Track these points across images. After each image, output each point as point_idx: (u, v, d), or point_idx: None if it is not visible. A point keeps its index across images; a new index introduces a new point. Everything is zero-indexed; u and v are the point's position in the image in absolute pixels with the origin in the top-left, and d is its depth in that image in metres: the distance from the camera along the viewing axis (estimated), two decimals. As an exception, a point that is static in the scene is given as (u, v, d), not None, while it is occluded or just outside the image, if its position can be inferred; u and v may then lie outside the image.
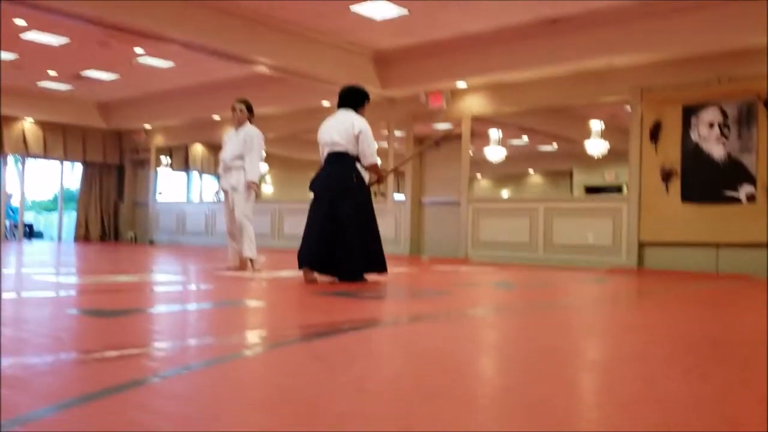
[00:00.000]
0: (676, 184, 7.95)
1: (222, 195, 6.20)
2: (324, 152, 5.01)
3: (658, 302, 4.45)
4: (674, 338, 2.73)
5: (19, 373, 1.63)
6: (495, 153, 10.44)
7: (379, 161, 5.14)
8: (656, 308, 4.07)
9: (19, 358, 1.82)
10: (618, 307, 4.22)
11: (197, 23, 8.36)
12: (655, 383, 1.77)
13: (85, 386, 1.53)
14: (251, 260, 5.90)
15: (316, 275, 4.80)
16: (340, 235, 4.74)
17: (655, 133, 8.20)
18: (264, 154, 10.48)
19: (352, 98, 5.05)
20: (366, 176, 4.96)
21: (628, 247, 8.37)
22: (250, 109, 6.15)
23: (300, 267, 4.79)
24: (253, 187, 5.98)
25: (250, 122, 6.11)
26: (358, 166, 4.90)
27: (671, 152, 8.01)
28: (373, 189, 5.20)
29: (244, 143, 5.95)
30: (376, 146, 5.03)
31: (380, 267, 4.92)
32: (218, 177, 6.27)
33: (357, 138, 4.84)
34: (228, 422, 1.30)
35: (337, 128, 4.91)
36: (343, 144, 4.86)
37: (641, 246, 8.28)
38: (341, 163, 4.89)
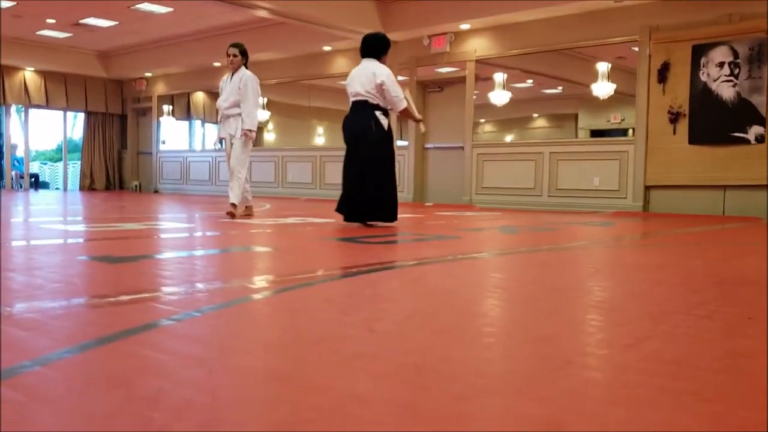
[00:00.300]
0: (683, 126, 7.88)
1: (223, 143, 6.18)
2: (350, 101, 5.15)
3: (663, 244, 4.47)
4: (680, 278, 2.75)
5: (37, 317, 1.66)
6: (499, 97, 10.31)
7: (405, 104, 5.12)
8: (662, 249, 4.09)
9: (35, 302, 1.85)
10: (623, 249, 4.24)
11: (195, -34, 8.18)
12: (661, 320, 1.79)
13: (101, 329, 1.56)
14: (233, 205, 5.93)
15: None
16: (360, 182, 4.96)
17: (662, 74, 8.08)
18: (261, 100, 10.41)
19: (374, 47, 5.10)
20: (385, 123, 5.03)
21: (634, 190, 8.36)
22: (244, 53, 6.02)
23: (336, 209, 5.17)
24: (250, 136, 5.94)
25: (246, 67, 6.00)
26: (378, 114, 4.99)
27: (679, 93, 7.91)
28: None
29: (239, 90, 5.88)
30: (402, 91, 5.10)
31: (391, 216, 5.04)
32: (218, 125, 6.25)
33: (380, 87, 4.95)
34: (242, 362, 1.32)
35: (360, 78, 5.01)
36: (364, 93, 4.97)
37: (647, 189, 8.27)
38: (361, 112, 5.01)
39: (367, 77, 4.97)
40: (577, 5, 8.53)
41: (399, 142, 11.19)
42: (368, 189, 4.94)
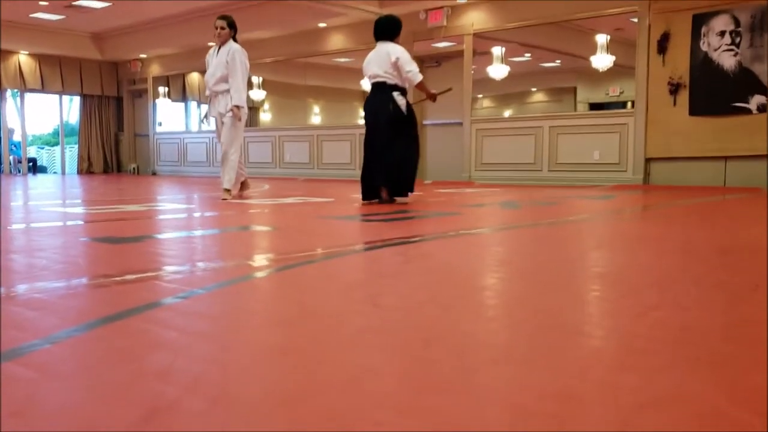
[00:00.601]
0: (684, 97, 7.84)
1: (212, 121, 5.93)
2: (369, 84, 5.37)
3: (666, 215, 4.47)
4: (684, 249, 2.75)
5: (44, 297, 1.66)
6: (498, 71, 10.24)
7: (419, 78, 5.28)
8: (665, 221, 4.09)
9: (41, 283, 1.85)
10: (626, 221, 4.24)
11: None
12: (668, 290, 1.80)
13: (109, 307, 1.56)
14: (227, 190, 5.74)
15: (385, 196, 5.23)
16: (377, 159, 5.17)
17: (662, 45, 8.02)
18: (257, 78, 10.26)
19: (387, 29, 5.25)
20: (403, 103, 5.19)
21: (635, 163, 8.34)
22: (232, 25, 5.71)
23: (362, 194, 5.36)
24: (238, 113, 5.64)
25: (234, 40, 5.71)
26: (395, 94, 5.15)
27: (680, 64, 7.86)
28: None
29: (226, 64, 5.60)
30: (416, 66, 5.28)
31: (408, 188, 5.29)
32: (208, 103, 5.94)
33: (396, 65, 5.10)
34: (250, 337, 1.33)
35: (376, 60, 5.18)
36: (381, 74, 5.14)
37: (648, 161, 8.25)
38: (380, 93, 5.19)
39: (382, 58, 5.13)
40: (575, -23, 8.44)
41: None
42: (384, 166, 5.11)
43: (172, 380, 1.02)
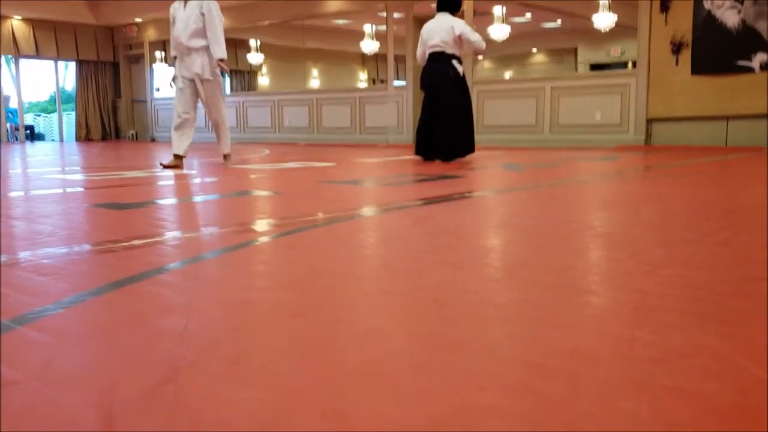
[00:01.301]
0: (686, 56, 7.76)
1: (180, 83, 5.32)
2: (426, 52, 5.74)
3: (669, 175, 4.46)
4: (689, 208, 2.75)
5: (53, 262, 1.66)
6: (499, 31, 10.10)
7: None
8: (668, 181, 4.09)
9: (49, 249, 1.85)
10: (630, 181, 4.23)
11: None
12: (677, 248, 1.80)
13: (119, 272, 1.56)
14: (226, 156, 5.74)
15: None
16: (440, 122, 5.60)
17: (665, 3, 7.90)
18: (255, 42, 9.85)
19: (452, 3, 5.75)
20: (461, 70, 5.69)
21: (636, 124, 8.29)
22: None
23: (415, 153, 5.89)
24: (225, 66, 5.28)
25: None
26: (454, 62, 5.63)
27: (682, 23, 7.75)
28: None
29: (201, 17, 5.13)
30: (479, 35, 5.74)
31: (470, 148, 5.79)
32: (175, 63, 5.40)
33: (460, 38, 5.59)
34: (262, 298, 1.33)
35: (438, 31, 5.62)
36: (442, 45, 5.59)
37: (649, 122, 8.20)
38: (440, 62, 5.63)
39: (445, 30, 5.58)
40: (577, -66, 8.28)
41: (396, 82, 11.04)
42: (448, 128, 5.58)
43: (188, 343, 1.03)
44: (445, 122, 5.59)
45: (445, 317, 1.17)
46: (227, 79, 15.88)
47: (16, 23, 14.12)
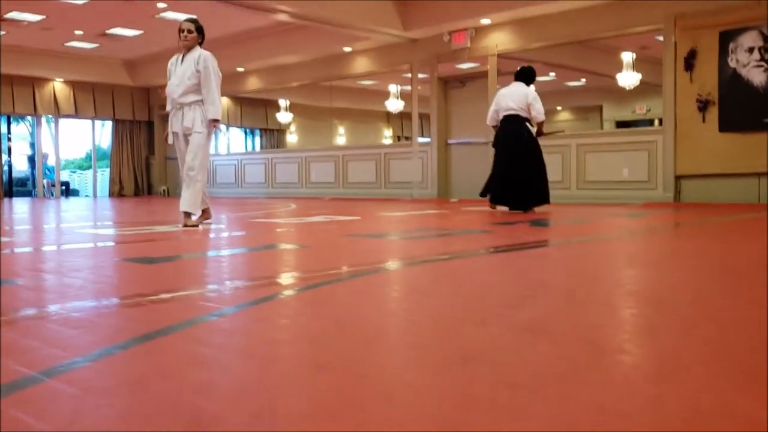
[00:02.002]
0: (713, 114, 7.75)
1: (172, 139, 5.08)
2: (500, 114, 6.57)
3: (699, 233, 4.40)
4: (721, 266, 2.71)
5: (82, 315, 1.68)
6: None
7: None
8: (698, 238, 4.03)
9: (78, 302, 1.88)
10: (659, 239, 4.18)
11: (217, -29, 8.26)
12: (708, 307, 1.76)
13: (146, 326, 1.58)
14: (187, 214, 4.94)
15: (498, 207, 6.56)
16: (515, 176, 6.35)
17: (689, 62, 7.96)
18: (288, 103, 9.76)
19: (527, 75, 6.62)
20: (533, 131, 6.53)
21: (665, 181, 8.25)
22: (200, 30, 5.01)
23: (491, 202, 6.65)
24: (217, 126, 5.00)
25: (200, 47, 5.03)
26: (527, 124, 6.44)
27: (707, 80, 7.79)
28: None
29: (196, 73, 4.89)
30: (542, 108, 6.51)
31: (545, 200, 6.53)
32: (170, 118, 5.12)
33: (530, 105, 6.40)
34: (288, 353, 1.33)
35: (513, 97, 6.46)
36: (516, 109, 6.42)
37: (678, 179, 8.15)
38: (514, 123, 6.46)
39: (519, 97, 6.45)
40: (599, -4, 8.44)
41: (420, 139, 11.18)
42: (523, 181, 6.36)
43: (213, 396, 1.03)
44: (520, 177, 6.36)
45: (471, 374, 1.15)
46: (257, 137, 16.24)
47: (58, 85, 14.70)
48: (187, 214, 4.94)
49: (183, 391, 1.06)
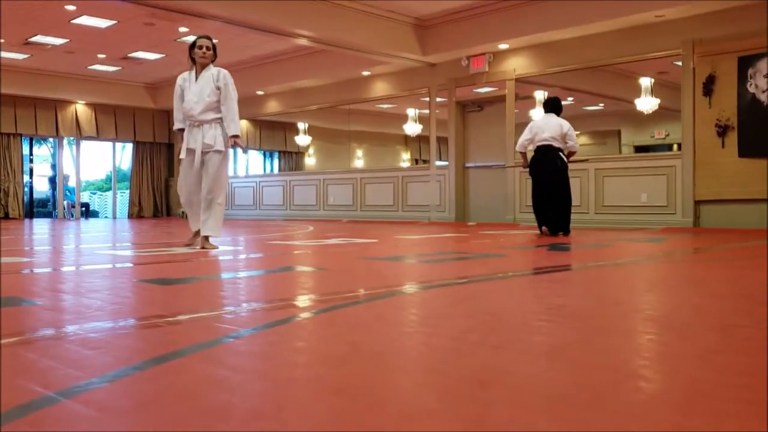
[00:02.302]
0: (732, 139, 7.70)
1: (184, 154, 4.97)
2: (534, 144, 6.87)
3: (720, 258, 4.35)
4: (742, 291, 2.66)
5: (100, 336, 1.69)
6: (541, 114, 10.28)
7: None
8: (718, 264, 3.98)
9: (97, 323, 1.89)
10: (678, 264, 4.13)
11: (238, -2, 8.40)
12: (729, 333, 1.74)
13: (163, 347, 1.58)
14: (205, 238, 4.93)
15: (544, 229, 6.85)
16: (552, 201, 6.79)
17: (708, 87, 7.94)
18: (303, 126, 9.71)
19: (556, 106, 7.02)
20: (565, 160, 6.84)
21: (684, 206, 8.18)
22: (215, 48, 5.01)
23: (539, 226, 6.95)
24: (239, 143, 4.97)
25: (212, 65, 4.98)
26: (561, 154, 6.80)
27: (726, 106, 7.75)
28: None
29: (216, 90, 4.85)
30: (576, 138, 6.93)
31: (564, 229, 6.80)
32: (184, 135, 4.99)
33: (565, 134, 6.78)
34: (304, 375, 1.32)
35: (547, 128, 6.81)
36: (550, 140, 6.75)
37: (697, 204, 8.08)
38: (550, 153, 6.79)
39: (554, 128, 6.79)
40: (617, 21, 8.46)
41: (438, 162, 11.19)
42: (556, 207, 6.77)
43: (228, 418, 1.03)
44: (556, 203, 6.80)
45: (488, 399, 1.14)
46: (276, 160, 16.37)
47: (80, 108, 14.95)
48: (206, 237, 4.93)
49: (198, 412, 1.06)
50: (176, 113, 5.07)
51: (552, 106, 7.03)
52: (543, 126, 6.87)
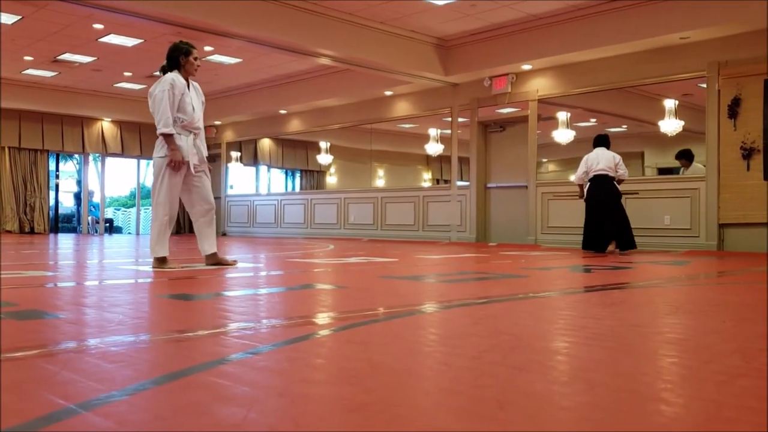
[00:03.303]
0: (757, 162, 7.61)
1: (177, 168, 4.69)
2: (590, 175, 7.75)
3: (744, 282, 4.27)
4: (765, 316, 2.62)
5: (121, 350, 1.71)
6: (563, 135, 10.22)
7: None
8: (742, 287, 3.92)
9: (117, 336, 1.91)
10: (702, 287, 4.07)
11: (262, 18, 8.52)
12: (753, 357, 1.70)
13: (183, 361, 1.59)
14: (215, 254, 4.94)
15: (612, 249, 7.59)
16: (609, 226, 7.59)
17: (733, 110, 7.86)
18: (324, 144, 9.75)
19: (606, 141, 7.89)
20: (618, 189, 7.74)
21: (708, 229, 8.07)
22: None
23: (583, 248, 7.90)
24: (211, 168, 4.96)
25: None
26: (614, 182, 7.65)
27: (752, 128, 7.67)
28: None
29: (202, 104, 4.93)
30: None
31: (633, 245, 7.67)
32: (188, 144, 4.76)
33: (617, 164, 7.68)
34: (322, 392, 1.32)
35: (602, 159, 7.68)
36: (606, 170, 7.63)
37: (721, 227, 7.97)
38: (606, 182, 7.64)
39: (608, 160, 7.67)
40: (641, 43, 8.44)
41: (459, 183, 11.18)
42: (612, 229, 7.60)
43: (245, 433, 1.03)
44: (605, 225, 7.61)
45: (508, 420, 1.13)
46: (297, 178, 16.48)
47: (106, 125, 15.21)
48: (215, 253, 4.91)
49: (215, 427, 1.06)
50: (170, 114, 4.65)
51: (603, 140, 7.94)
52: (597, 158, 7.74)
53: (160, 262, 4.66)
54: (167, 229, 4.68)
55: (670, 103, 9.14)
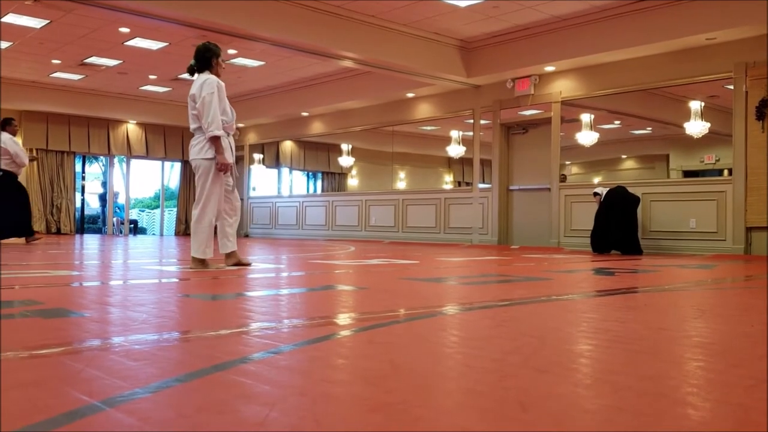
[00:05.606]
0: (786, 164, 7.46)
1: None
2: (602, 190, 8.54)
3: (772, 286, 4.19)
4: (796, 320, 2.56)
5: (144, 348, 1.72)
6: (586, 137, 10.12)
7: None
8: (771, 292, 3.84)
9: (141, 335, 1.92)
10: (728, 291, 4.00)
11: (286, 21, 8.57)
12: (782, 362, 1.67)
13: (205, 360, 1.60)
14: (234, 252, 4.90)
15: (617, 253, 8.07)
16: (622, 228, 8.16)
17: (761, 111, 7.74)
18: (346, 147, 9.87)
19: None
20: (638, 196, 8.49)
21: (735, 232, 7.94)
22: None
23: (594, 251, 8.38)
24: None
25: None
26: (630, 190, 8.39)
27: (781, 130, 7.53)
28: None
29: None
30: None
31: (637, 251, 8.22)
32: (229, 145, 4.82)
33: None
34: (343, 392, 1.32)
35: None
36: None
37: (748, 230, 7.84)
38: (620, 189, 8.37)
39: None
40: (666, 44, 8.34)
41: (481, 185, 11.13)
42: (616, 238, 8.18)
43: (268, 431, 1.03)
44: (618, 232, 8.16)
45: (530, 422, 1.12)
46: (319, 180, 16.54)
47: (131, 127, 15.40)
48: (234, 252, 4.89)
49: (237, 426, 1.06)
50: (220, 117, 4.72)
51: None
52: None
53: (201, 263, 4.67)
54: (212, 230, 4.70)
55: (695, 105, 9.02)
